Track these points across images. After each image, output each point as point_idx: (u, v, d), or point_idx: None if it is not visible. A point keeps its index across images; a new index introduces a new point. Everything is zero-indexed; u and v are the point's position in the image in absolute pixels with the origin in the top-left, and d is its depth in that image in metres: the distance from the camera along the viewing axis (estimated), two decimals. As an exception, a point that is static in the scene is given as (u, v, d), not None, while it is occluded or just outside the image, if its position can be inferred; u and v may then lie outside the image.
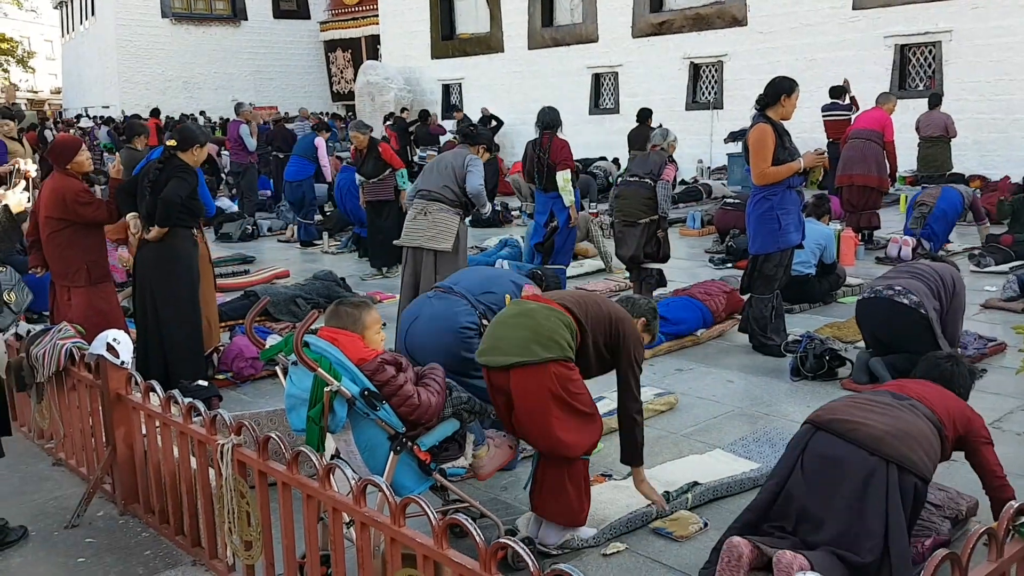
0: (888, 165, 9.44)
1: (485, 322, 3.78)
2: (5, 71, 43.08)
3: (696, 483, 3.72)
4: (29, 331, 4.43)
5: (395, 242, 5.94)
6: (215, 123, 23.30)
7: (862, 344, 5.88)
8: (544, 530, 3.31)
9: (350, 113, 26.11)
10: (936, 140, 11.84)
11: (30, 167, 5.54)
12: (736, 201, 10.12)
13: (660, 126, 13.86)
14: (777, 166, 5.47)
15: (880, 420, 2.90)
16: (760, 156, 5.49)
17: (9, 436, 3.80)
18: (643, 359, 3.48)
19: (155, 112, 20.61)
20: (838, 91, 12.45)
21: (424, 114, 17.93)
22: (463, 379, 3.57)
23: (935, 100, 12.20)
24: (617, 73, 19.04)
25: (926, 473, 2.85)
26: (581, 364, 3.26)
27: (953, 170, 12.51)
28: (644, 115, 13.81)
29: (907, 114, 12.75)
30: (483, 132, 7.27)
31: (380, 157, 8.84)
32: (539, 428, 3.13)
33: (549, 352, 3.10)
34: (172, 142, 5.20)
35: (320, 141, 11.45)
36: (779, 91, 5.53)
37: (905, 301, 4.78)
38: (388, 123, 18.30)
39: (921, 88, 14.56)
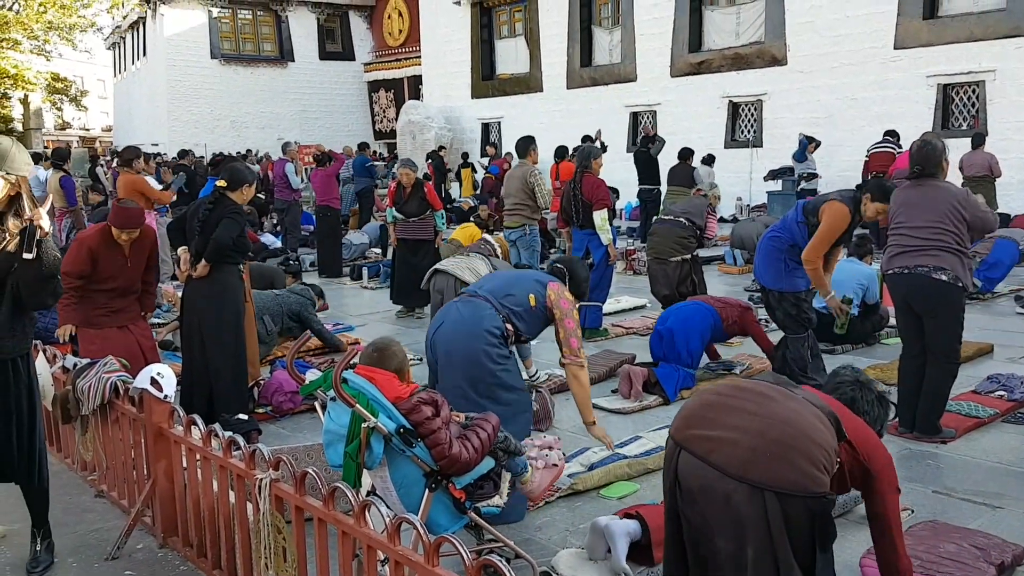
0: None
1: (509, 326, 3.91)
2: (59, 109, 44.44)
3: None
4: (75, 364, 4.53)
5: (432, 268, 5.95)
6: (262, 156, 23.69)
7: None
8: (617, 521, 3.32)
9: (394, 152, 26.50)
10: (980, 180, 11.68)
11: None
12: (777, 239, 10.08)
13: (706, 159, 14.08)
14: (820, 263, 5.38)
15: (748, 426, 2.37)
16: (825, 238, 5.35)
17: None
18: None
19: (183, 153, 20.50)
20: (892, 134, 12.47)
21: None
22: (489, 391, 3.78)
23: (979, 140, 12.06)
24: (655, 112, 19.12)
25: (818, 487, 2.31)
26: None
27: (998, 210, 12.32)
28: (685, 154, 13.91)
29: (950, 154, 12.55)
30: None
31: (425, 198, 8.87)
32: None
33: None
34: (222, 182, 5.33)
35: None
36: (878, 194, 5.33)
37: (943, 278, 4.70)
38: (429, 160, 18.72)
39: (964, 127, 14.41)
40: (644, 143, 15.05)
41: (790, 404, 2.44)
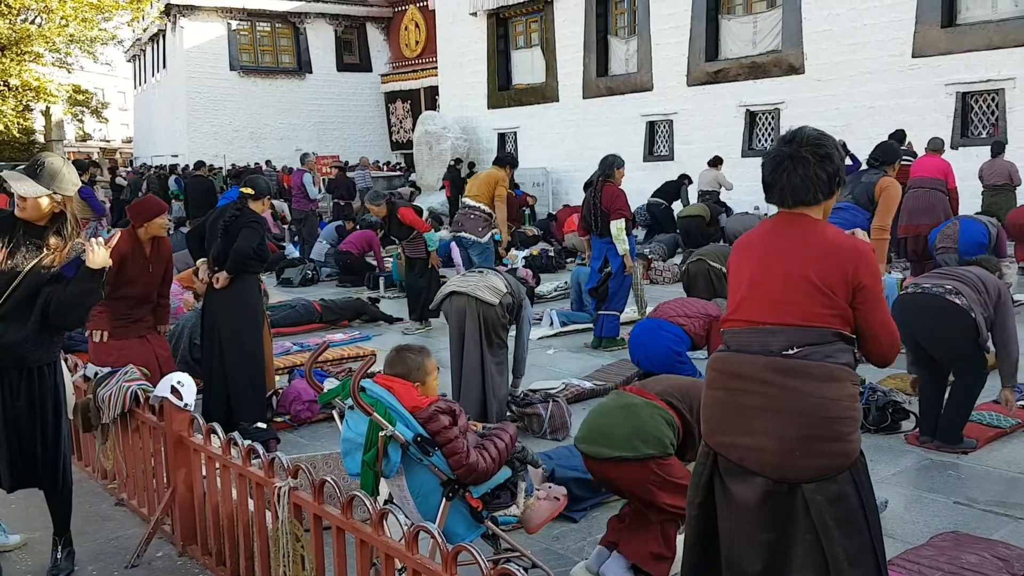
0: (954, 213, 9.26)
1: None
2: (80, 121, 44.97)
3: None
4: (96, 373, 4.57)
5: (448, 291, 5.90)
6: (280, 170, 23.90)
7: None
8: (611, 563, 3.31)
9: (404, 164, 26.61)
10: (1000, 188, 11.58)
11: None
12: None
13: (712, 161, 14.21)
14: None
15: (768, 429, 2.37)
16: (891, 208, 5.65)
17: None
18: None
19: (200, 164, 20.21)
20: (900, 137, 12.39)
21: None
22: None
23: (998, 148, 11.96)
24: (672, 121, 19.09)
25: (850, 456, 2.37)
26: (687, 445, 3.40)
27: (1019, 219, 12.22)
28: (715, 161, 14.10)
29: (970, 162, 12.50)
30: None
31: (402, 222, 8.86)
32: (644, 502, 3.33)
33: (650, 448, 3.27)
34: (249, 190, 5.40)
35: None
36: (894, 157, 5.83)
37: (956, 301, 4.58)
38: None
39: (984, 136, 14.30)
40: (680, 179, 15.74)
41: (794, 385, 2.37)
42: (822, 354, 2.39)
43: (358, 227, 13.19)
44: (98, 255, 3.36)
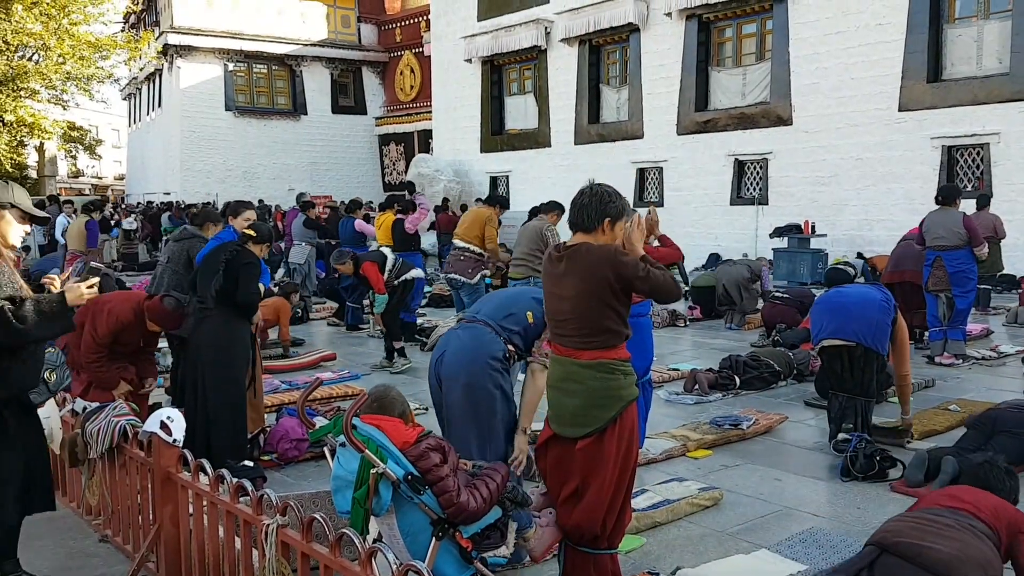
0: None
1: (511, 347, 3.95)
2: (73, 157, 45.05)
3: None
4: (85, 408, 4.55)
5: (437, 330, 5.96)
6: (273, 208, 24.02)
7: (914, 444, 5.78)
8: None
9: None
10: (986, 241, 11.75)
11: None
12: (784, 295, 10.07)
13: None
14: None
15: (946, 544, 2.83)
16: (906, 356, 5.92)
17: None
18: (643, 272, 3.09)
19: (168, 206, 20.22)
20: None
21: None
22: (490, 413, 3.84)
23: (984, 201, 12.14)
24: (662, 168, 19.34)
25: None
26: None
27: (1004, 271, 12.37)
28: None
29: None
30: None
31: (365, 280, 8.89)
32: (594, 491, 3.12)
33: (611, 410, 3.09)
34: (252, 232, 5.46)
35: (359, 222, 12.21)
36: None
37: None
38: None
39: (969, 189, 14.52)
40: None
41: (973, 540, 2.87)
42: None
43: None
44: (77, 293, 3.40)
